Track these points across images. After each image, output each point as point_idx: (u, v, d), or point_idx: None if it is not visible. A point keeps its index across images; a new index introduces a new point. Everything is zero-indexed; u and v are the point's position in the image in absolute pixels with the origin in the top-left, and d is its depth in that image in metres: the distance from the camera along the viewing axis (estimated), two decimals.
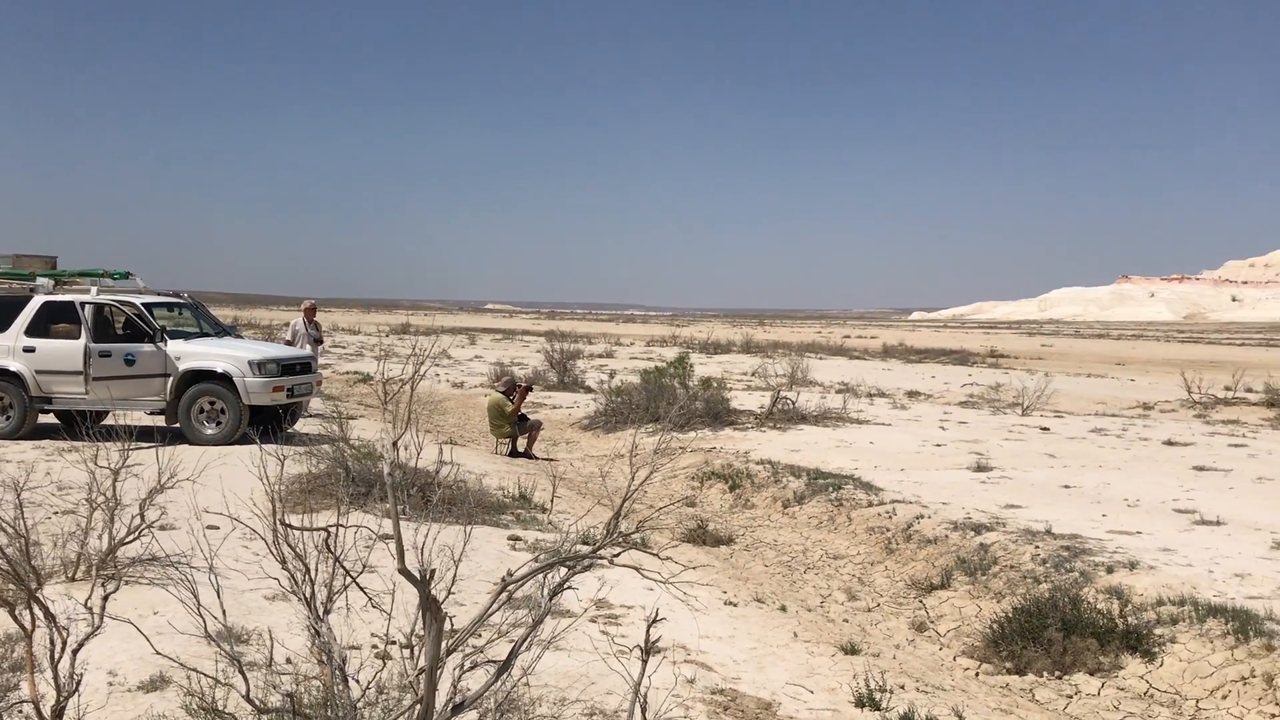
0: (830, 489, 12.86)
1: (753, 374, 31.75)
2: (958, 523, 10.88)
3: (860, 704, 6.23)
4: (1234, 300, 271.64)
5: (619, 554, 4.58)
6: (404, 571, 4.09)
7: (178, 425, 15.17)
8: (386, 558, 4.43)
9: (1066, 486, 13.46)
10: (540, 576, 4.44)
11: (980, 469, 14.66)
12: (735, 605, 8.42)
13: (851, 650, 7.46)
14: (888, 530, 11.22)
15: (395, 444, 4.47)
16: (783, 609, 8.66)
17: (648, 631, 4.46)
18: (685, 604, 6.14)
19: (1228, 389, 29.08)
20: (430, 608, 4.11)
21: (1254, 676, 6.90)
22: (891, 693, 6.37)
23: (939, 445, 17.29)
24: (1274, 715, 6.57)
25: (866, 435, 18.37)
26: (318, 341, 20.28)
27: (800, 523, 12.32)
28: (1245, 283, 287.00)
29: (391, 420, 4.97)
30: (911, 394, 27.99)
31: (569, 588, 4.51)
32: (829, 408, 21.14)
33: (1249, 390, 29.05)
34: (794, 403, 20.39)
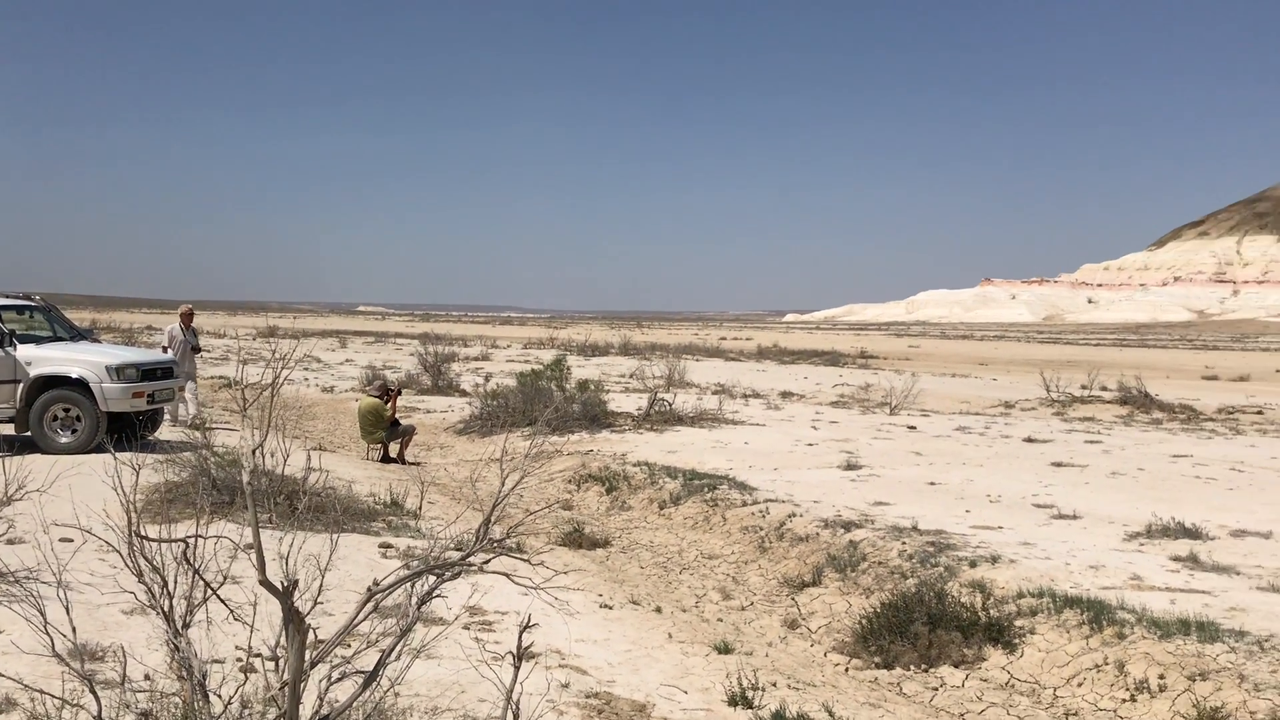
0: (706, 490, 12.97)
1: (630, 376, 31.87)
2: (829, 520, 11.08)
3: (733, 703, 6.29)
4: (1090, 302, 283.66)
5: (490, 560, 4.52)
6: (265, 583, 3.96)
7: (29, 434, 14.49)
8: (251, 568, 4.28)
9: (932, 483, 13.83)
10: (409, 585, 4.36)
11: (850, 467, 14.97)
12: (611, 608, 8.41)
13: (725, 649, 7.52)
14: (761, 529, 11.36)
15: (256, 451, 4.33)
16: (658, 610, 8.69)
17: (520, 637, 4.42)
18: (560, 608, 6.11)
19: (1084, 387, 30.30)
20: (293, 620, 3.99)
21: (1107, 664, 7.18)
22: (764, 691, 6.43)
23: (811, 445, 17.61)
24: (1125, 700, 6.85)
25: (742, 436, 18.59)
26: (196, 350, 19.29)
27: (676, 524, 12.39)
28: (1100, 285, 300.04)
29: (253, 427, 4.82)
30: (785, 394, 28.46)
31: (438, 595, 4.44)
32: (705, 409, 21.34)
33: (1103, 389, 30.32)
34: (671, 404, 20.53)
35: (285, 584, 3.96)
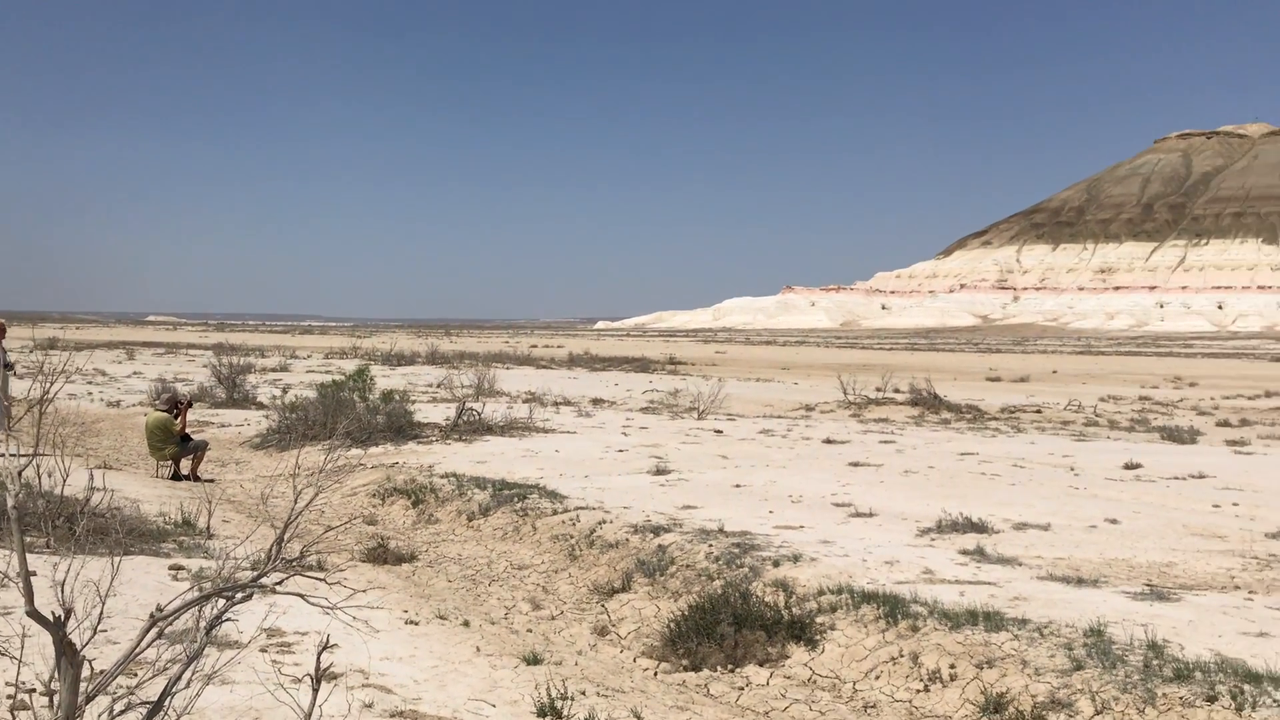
0: (515, 500, 12.86)
1: (438, 385, 31.39)
2: (638, 526, 11.17)
3: (542, 714, 6.23)
4: (884, 308, 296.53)
5: (285, 580, 4.34)
6: (33, 614, 3.68)
7: None
8: (20, 598, 3.97)
9: (738, 485, 14.14)
10: (198, 608, 4.14)
11: (660, 472, 15.14)
12: (417, 624, 8.22)
13: (534, 660, 7.45)
14: (572, 537, 11.35)
15: (22, 472, 4.02)
16: (466, 624, 8.55)
17: (319, 658, 4.25)
18: (361, 627, 5.92)
19: (878, 390, 31.63)
20: (65, 652, 3.73)
21: (902, 656, 7.47)
22: (573, 699, 6.40)
23: (622, 451, 17.73)
24: (919, 691, 7.14)
25: (553, 444, 18.56)
26: (8, 366, 17.36)
27: (485, 535, 12.24)
28: (893, 292, 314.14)
29: (29, 444, 4.48)
30: (596, 401, 28.60)
31: (229, 619, 4.23)
32: (516, 418, 21.21)
33: (896, 390, 31.71)
34: (480, 414, 20.30)
35: (57, 614, 3.70)
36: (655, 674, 7.94)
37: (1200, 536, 11.41)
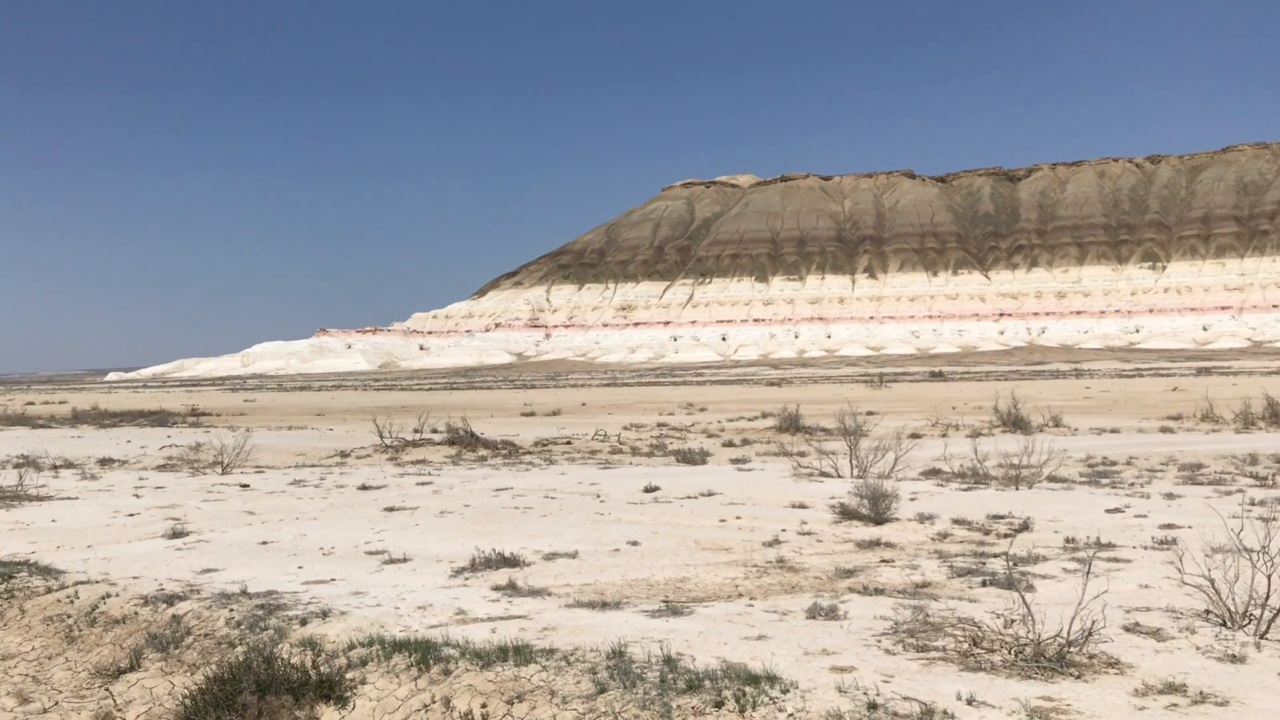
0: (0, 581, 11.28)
1: None
2: (149, 596, 10.19)
3: None
4: (422, 349, 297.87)
5: None
6: None
7: None
8: None
9: (265, 542, 13.39)
10: None
11: (177, 535, 13.99)
12: None
13: None
14: (69, 617, 10.13)
15: None
16: None
17: None
18: None
19: (416, 431, 31.52)
20: None
21: (435, 703, 7.34)
22: None
23: (133, 515, 16.21)
24: None
25: (49, 513, 16.58)
26: None
27: None
28: (430, 333, 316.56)
29: None
30: (105, 462, 26.06)
31: None
32: (3, 486, 18.76)
33: (434, 430, 31.79)
34: None
35: None
36: None
37: (710, 551, 12.36)
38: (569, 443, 30.64)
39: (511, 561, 11.40)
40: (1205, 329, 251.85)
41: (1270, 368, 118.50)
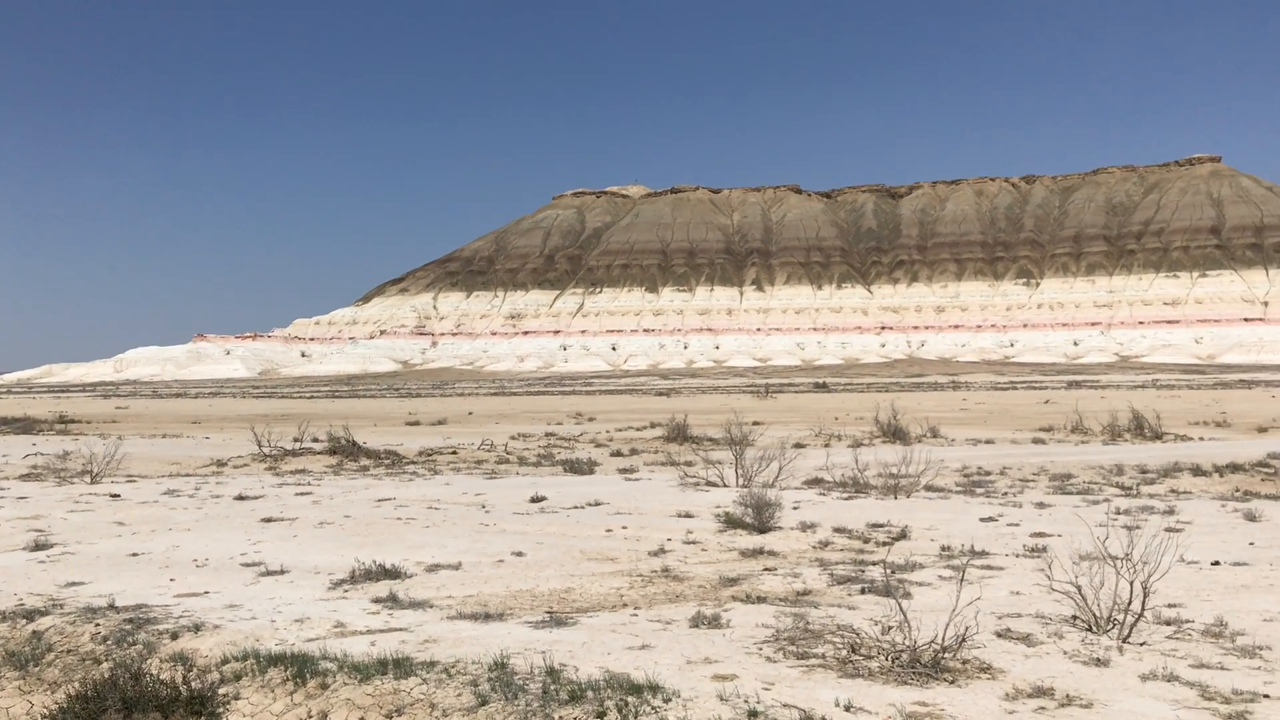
0: None
1: None
2: (7, 612, 9.74)
3: None
4: (304, 356, 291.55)
5: None
6: None
7: None
8: None
9: (135, 554, 12.93)
10: None
11: (40, 547, 13.41)
12: None
13: None
14: None
15: None
16: None
17: None
18: None
19: (296, 440, 30.83)
20: None
21: (311, 717, 7.17)
22: None
23: None
24: None
25: None
26: None
27: None
28: (313, 339, 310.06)
29: None
30: None
31: None
32: None
33: (315, 440, 31.14)
34: None
35: None
36: None
37: (595, 560, 12.34)
38: (454, 452, 30.32)
39: (393, 573, 11.21)
40: (1076, 344, 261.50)
41: (1136, 381, 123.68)
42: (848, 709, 6.60)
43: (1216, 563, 11.74)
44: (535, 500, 17.67)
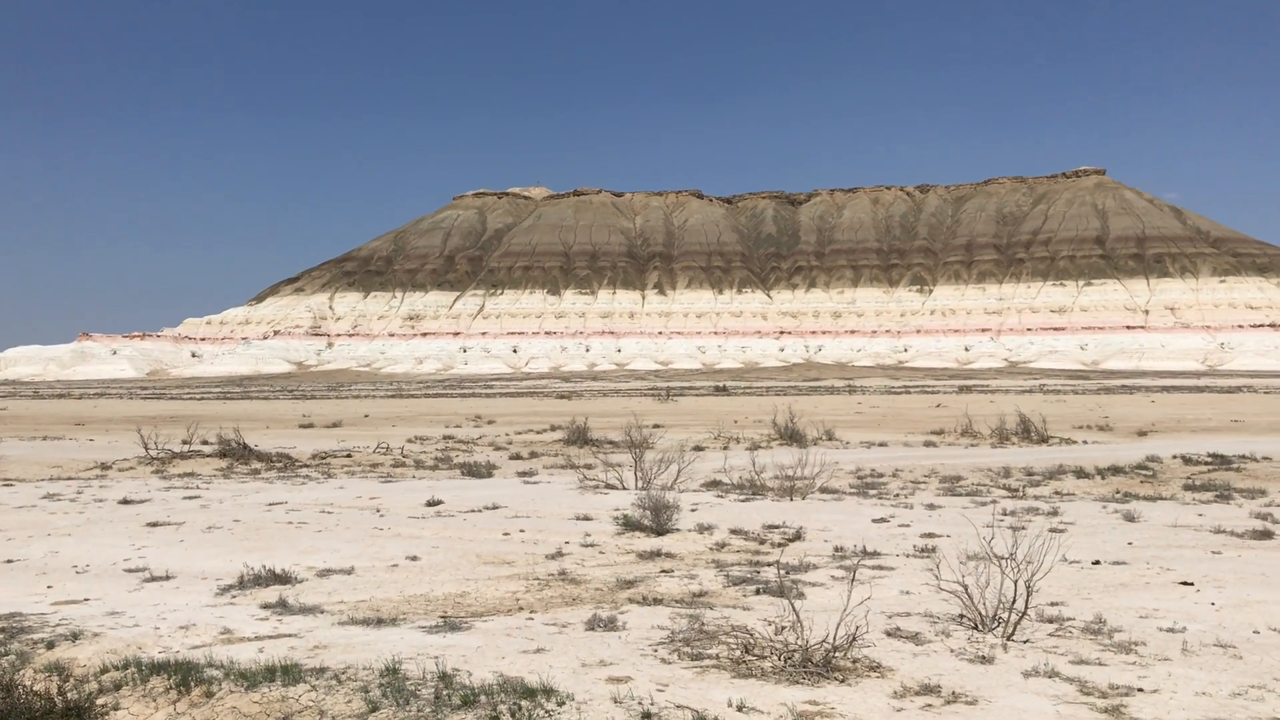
0: None
1: None
2: None
3: None
4: (195, 356, 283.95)
5: None
6: None
7: None
8: None
9: (10, 561, 12.45)
10: None
11: None
12: None
13: None
14: None
15: None
16: None
17: None
18: None
19: (185, 443, 30.00)
20: None
21: None
22: None
23: None
24: None
25: None
26: None
27: None
28: (204, 339, 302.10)
29: None
30: None
31: None
32: None
33: (205, 442, 30.34)
34: None
35: None
36: None
37: (492, 564, 12.25)
38: (349, 456, 29.81)
39: (283, 578, 10.98)
40: (967, 349, 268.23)
41: (1024, 386, 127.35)
42: (740, 709, 6.66)
43: (1097, 562, 12.14)
44: (431, 504, 17.47)
